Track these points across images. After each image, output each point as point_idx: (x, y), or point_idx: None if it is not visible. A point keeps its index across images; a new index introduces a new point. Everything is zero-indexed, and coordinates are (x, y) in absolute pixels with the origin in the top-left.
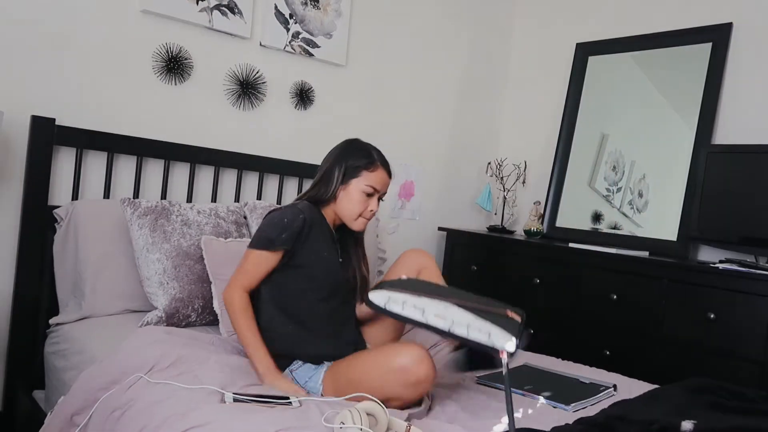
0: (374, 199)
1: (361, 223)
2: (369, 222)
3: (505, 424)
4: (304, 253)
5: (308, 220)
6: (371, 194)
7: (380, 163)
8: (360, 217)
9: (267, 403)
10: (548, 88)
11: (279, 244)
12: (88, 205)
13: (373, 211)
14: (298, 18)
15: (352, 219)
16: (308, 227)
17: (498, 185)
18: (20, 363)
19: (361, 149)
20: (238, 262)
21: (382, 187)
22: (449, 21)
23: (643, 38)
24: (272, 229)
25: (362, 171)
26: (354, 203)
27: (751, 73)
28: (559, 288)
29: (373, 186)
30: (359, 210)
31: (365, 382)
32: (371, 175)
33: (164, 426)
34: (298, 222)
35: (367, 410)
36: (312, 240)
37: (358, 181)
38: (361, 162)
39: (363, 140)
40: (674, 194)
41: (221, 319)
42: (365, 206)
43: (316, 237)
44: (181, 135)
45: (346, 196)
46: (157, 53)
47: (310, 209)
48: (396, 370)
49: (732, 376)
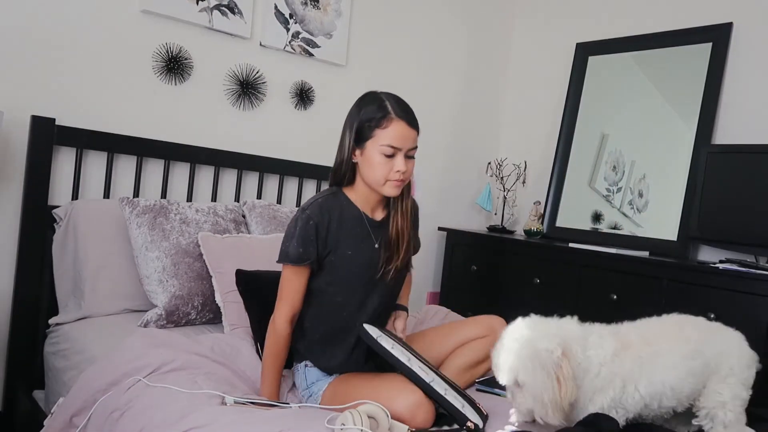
0: (398, 159)
1: (392, 187)
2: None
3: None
4: (327, 258)
5: (318, 224)
6: (391, 154)
7: (395, 115)
8: (388, 181)
9: (267, 406)
10: (548, 88)
11: (294, 260)
12: (88, 205)
13: (401, 171)
14: (298, 18)
15: (380, 185)
16: (321, 230)
17: (498, 185)
18: (20, 363)
19: (373, 101)
20: (236, 257)
21: (403, 143)
22: (449, 21)
23: (643, 38)
24: (287, 242)
25: (374, 129)
26: (375, 167)
27: (751, 73)
28: (559, 288)
29: (390, 144)
30: (384, 174)
31: None
32: (385, 132)
33: (164, 426)
34: (310, 230)
35: (368, 413)
36: (330, 242)
37: (372, 143)
38: (373, 118)
39: (381, 91)
40: (674, 194)
41: (224, 312)
42: (389, 168)
43: (336, 237)
44: (181, 135)
45: (365, 161)
46: (157, 53)
47: (320, 208)
48: (392, 415)
49: None
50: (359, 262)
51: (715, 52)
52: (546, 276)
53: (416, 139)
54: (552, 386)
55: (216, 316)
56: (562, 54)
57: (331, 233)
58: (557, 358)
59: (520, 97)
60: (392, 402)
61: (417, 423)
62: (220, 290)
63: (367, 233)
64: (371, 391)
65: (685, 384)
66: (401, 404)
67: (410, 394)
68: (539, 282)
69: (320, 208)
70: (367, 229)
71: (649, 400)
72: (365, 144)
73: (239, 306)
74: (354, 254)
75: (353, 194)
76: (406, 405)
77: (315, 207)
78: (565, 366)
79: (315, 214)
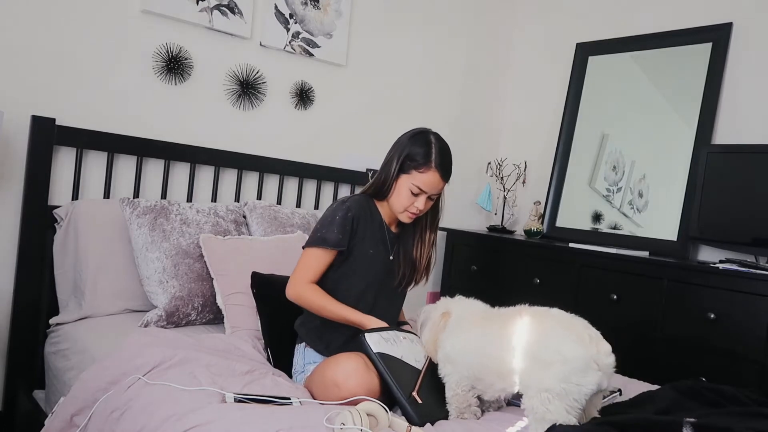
0: (421, 198)
1: (406, 217)
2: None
3: (518, 427)
4: (350, 249)
5: (356, 217)
6: (417, 194)
7: (435, 165)
8: (406, 211)
9: (268, 403)
10: (548, 88)
11: (332, 245)
12: (88, 205)
13: (419, 209)
14: (298, 18)
15: (398, 211)
16: (356, 222)
17: (498, 185)
18: (20, 363)
19: (423, 144)
20: (237, 258)
21: (431, 190)
22: (449, 21)
23: (643, 38)
24: (326, 228)
25: (412, 169)
26: (401, 197)
27: (751, 73)
28: (559, 288)
29: (420, 187)
30: (405, 205)
31: (315, 390)
32: (420, 175)
33: (165, 425)
34: (348, 220)
35: (367, 411)
36: (359, 237)
37: (407, 177)
38: (416, 159)
39: (434, 133)
40: (674, 194)
41: (226, 314)
42: (411, 203)
43: (363, 234)
44: (181, 135)
45: (396, 187)
46: (157, 53)
47: (359, 204)
48: (329, 385)
49: (732, 376)
50: (375, 265)
51: (715, 52)
52: (546, 276)
53: (443, 187)
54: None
55: (216, 317)
56: (562, 54)
57: (361, 229)
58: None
59: (520, 97)
60: (332, 366)
61: (349, 387)
62: (221, 292)
63: (386, 241)
64: (318, 372)
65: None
66: (339, 369)
67: (349, 360)
68: (539, 282)
69: (359, 204)
70: (386, 238)
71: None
72: (401, 174)
73: (241, 308)
74: (374, 254)
75: (379, 205)
76: (343, 370)
77: (355, 201)
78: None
79: (354, 207)
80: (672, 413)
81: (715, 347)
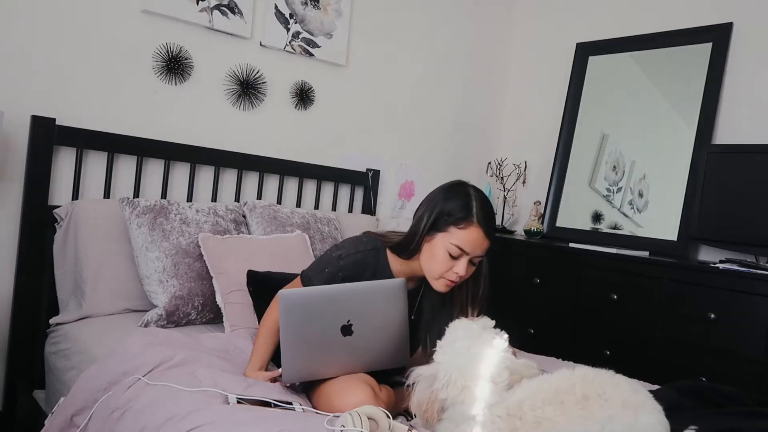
0: (462, 262)
1: (443, 284)
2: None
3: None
4: None
5: (345, 278)
6: (457, 256)
7: (477, 221)
8: (442, 278)
9: (270, 406)
10: (548, 88)
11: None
12: (88, 205)
13: (460, 275)
14: (298, 18)
15: (433, 278)
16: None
17: (498, 185)
18: (20, 363)
19: (460, 196)
20: (236, 258)
21: (473, 250)
22: (449, 21)
23: (643, 38)
24: (317, 272)
25: (450, 226)
26: (436, 261)
27: (751, 73)
28: (559, 288)
29: (460, 246)
30: (441, 270)
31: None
32: (461, 233)
33: (166, 426)
34: (336, 280)
35: (368, 414)
36: None
37: (443, 236)
38: (454, 214)
39: (471, 185)
40: (674, 194)
41: (225, 313)
42: (449, 267)
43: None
44: (181, 135)
45: (428, 249)
46: (158, 53)
47: (357, 263)
48: (336, 407)
49: (732, 376)
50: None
51: (715, 52)
52: (546, 276)
53: (487, 248)
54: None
55: (216, 317)
56: (562, 54)
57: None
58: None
59: (520, 97)
60: (341, 396)
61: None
62: (221, 291)
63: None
64: (328, 382)
65: None
66: (348, 401)
67: (358, 392)
68: (539, 282)
69: (355, 264)
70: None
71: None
72: (436, 234)
73: (240, 307)
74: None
75: (396, 262)
76: (353, 402)
77: (350, 262)
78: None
79: (347, 269)
80: (672, 413)
81: (715, 347)
